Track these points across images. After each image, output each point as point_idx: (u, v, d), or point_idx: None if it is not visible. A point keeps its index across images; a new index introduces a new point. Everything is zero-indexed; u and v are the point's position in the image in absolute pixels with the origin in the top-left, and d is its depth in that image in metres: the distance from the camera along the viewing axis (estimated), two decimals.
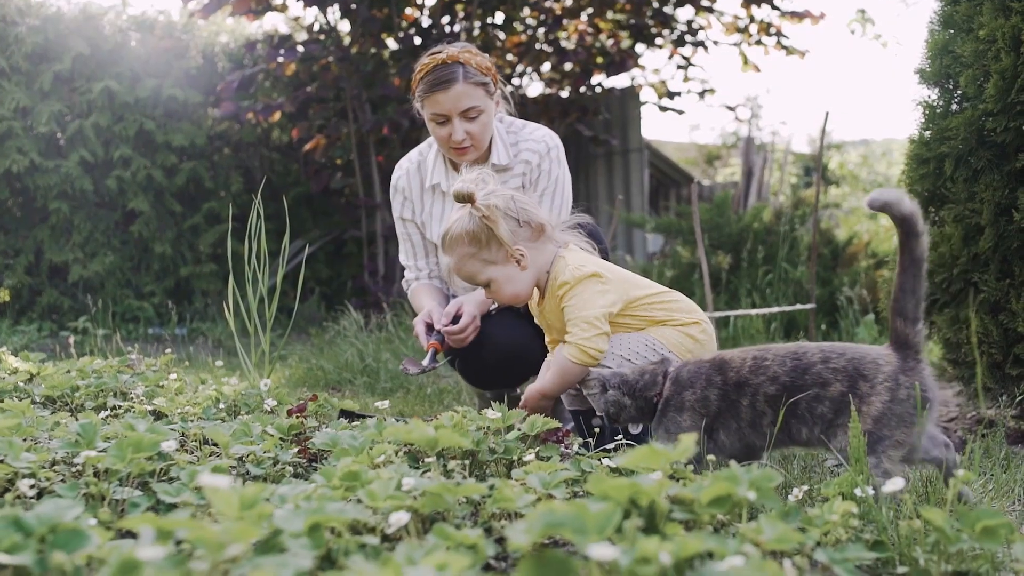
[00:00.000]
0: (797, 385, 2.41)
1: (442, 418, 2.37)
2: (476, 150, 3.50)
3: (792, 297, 6.72)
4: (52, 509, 1.48)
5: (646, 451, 1.48)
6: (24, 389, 3.34)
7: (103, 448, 2.15)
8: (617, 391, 2.62)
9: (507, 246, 2.77)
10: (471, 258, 2.82)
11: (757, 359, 2.50)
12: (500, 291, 2.86)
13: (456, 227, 2.81)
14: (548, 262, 2.87)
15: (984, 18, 3.42)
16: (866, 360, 2.39)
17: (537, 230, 2.85)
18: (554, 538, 1.80)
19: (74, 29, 8.14)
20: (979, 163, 3.45)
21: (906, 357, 2.37)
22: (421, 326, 3.37)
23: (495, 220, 2.75)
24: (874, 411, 2.32)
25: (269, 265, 3.83)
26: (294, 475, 2.38)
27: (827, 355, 2.42)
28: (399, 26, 8.07)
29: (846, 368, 2.38)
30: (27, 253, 8.08)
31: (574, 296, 2.74)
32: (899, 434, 2.31)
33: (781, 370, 2.44)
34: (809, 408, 2.39)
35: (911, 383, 2.33)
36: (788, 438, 2.45)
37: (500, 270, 2.82)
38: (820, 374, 2.40)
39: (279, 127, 9.38)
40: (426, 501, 1.67)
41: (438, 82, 3.39)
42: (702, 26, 8.79)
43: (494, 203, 2.77)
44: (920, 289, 2.37)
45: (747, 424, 2.48)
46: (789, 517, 1.59)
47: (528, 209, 2.84)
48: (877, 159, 16.09)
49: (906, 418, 2.31)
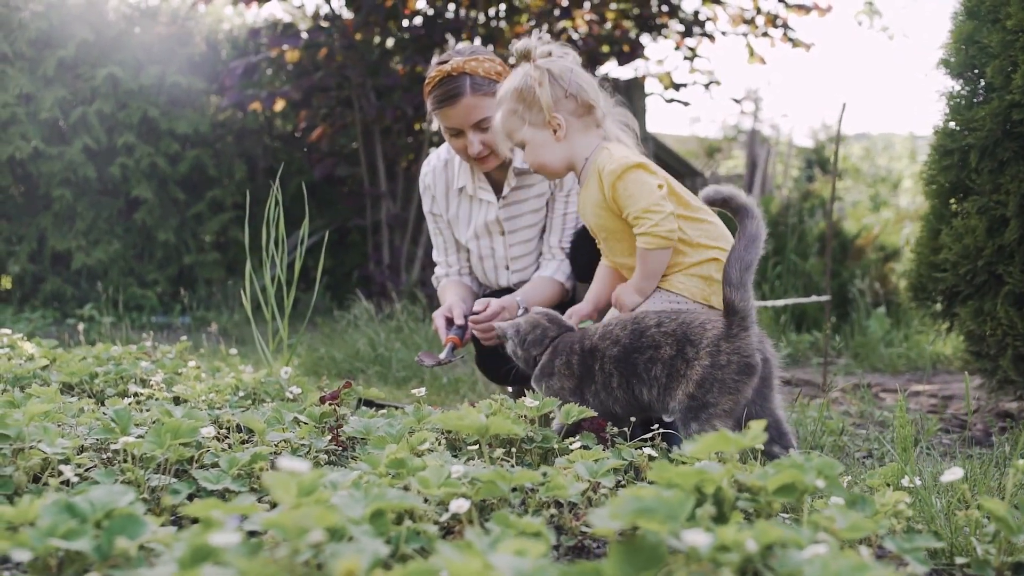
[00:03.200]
0: (635, 347, 2.52)
1: (480, 405, 2.34)
2: (496, 157, 3.44)
3: (802, 289, 6.70)
4: (105, 494, 1.45)
5: (718, 437, 1.45)
6: (42, 376, 3.30)
7: (139, 435, 2.12)
8: (511, 342, 2.82)
9: (546, 111, 2.80)
10: (513, 114, 2.86)
11: (606, 325, 2.63)
12: (531, 154, 2.89)
13: (509, 81, 2.87)
14: (589, 148, 2.88)
15: (1012, 8, 3.39)
16: (694, 325, 2.47)
17: (584, 107, 2.86)
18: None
19: (78, 15, 8.08)
20: (1005, 154, 3.43)
21: (731, 324, 2.42)
22: (441, 320, 3.35)
23: (542, 83, 2.78)
24: (695, 375, 2.40)
25: (278, 252, 3.79)
26: (328, 463, 2.36)
27: (661, 319, 2.52)
28: (404, 14, 8.02)
29: (675, 332, 2.47)
30: (30, 240, 8.03)
31: (627, 187, 2.72)
32: (725, 402, 2.39)
33: (622, 334, 2.55)
34: (646, 369, 2.49)
35: (732, 349, 2.39)
36: (633, 399, 2.55)
37: (535, 133, 2.85)
38: (653, 337, 2.49)
39: (282, 115, 9.33)
40: (481, 489, 1.65)
41: (445, 97, 3.34)
42: (709, 17, 8.75)
43: (548, 67, 2.81)
44: (748, 257, 2.42)
45: (601, 387, 2.59)
46: (857, 506, 1.56)
47: (583, 85, 2.85)
48: (879, 153, 16.08)
49: (730, 384, 2.38)
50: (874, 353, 5.70)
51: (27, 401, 2.47)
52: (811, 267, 6.83)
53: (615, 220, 2.80)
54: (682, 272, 2.78)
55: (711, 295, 2.77)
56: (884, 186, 13.46)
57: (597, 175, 2.78)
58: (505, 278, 3.65)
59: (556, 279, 3.49)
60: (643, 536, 1.13)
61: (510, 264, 3.62)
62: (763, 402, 2.49)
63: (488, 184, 3.60)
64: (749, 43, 8.87)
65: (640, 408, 2.56)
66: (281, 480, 1.35)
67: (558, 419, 2.50)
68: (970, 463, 2.52)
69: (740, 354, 2.38)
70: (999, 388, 3.68)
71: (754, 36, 8.82)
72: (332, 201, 9.14)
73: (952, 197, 3.72)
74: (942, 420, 3.69)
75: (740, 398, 2.38)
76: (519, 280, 3.64)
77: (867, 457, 3.03)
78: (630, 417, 2.58)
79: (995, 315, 3.45)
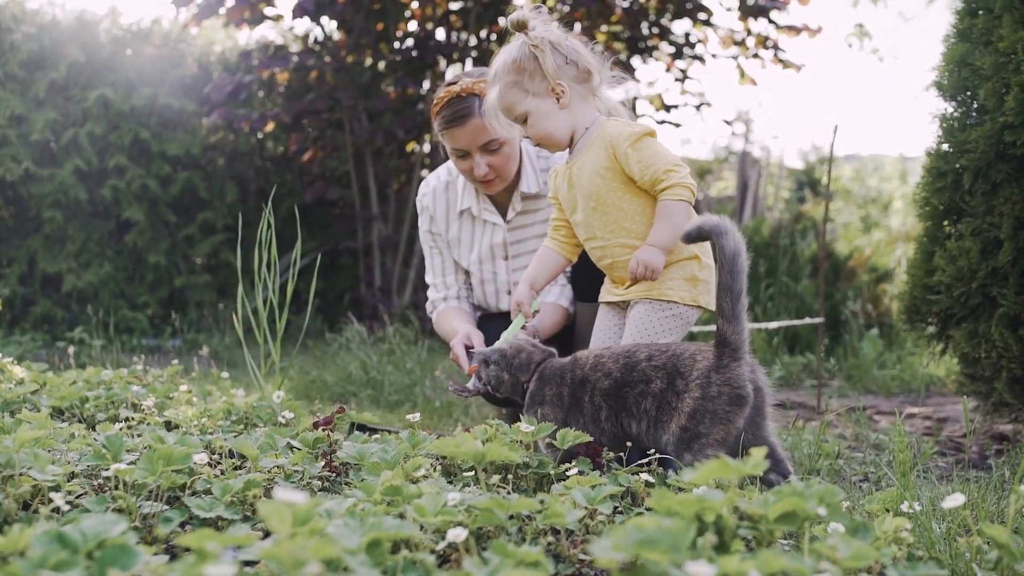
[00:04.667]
0: (626, 381, 2.51)
1: (475, 431, 2.32)
2: (503, 180, 3.44)
3: (795, 311, 6.70)
4: (97, 524, 1.43)
5: (718, 465, 1.43)
6: (32, 400, 3.27)
7: (130, 461, 2.10)
8: (496, 366, 2.81)
9: (550, 78, 2.79)
10: (513, 87, 2.83)
11: (598, 357, 2.62)
12: (535, 126, 2.86)
13: (504, 55, 2.85)
14: (589, 118, 2.88)
15: (1004, 31, 3.40)
16: (684, 357, 2.47)
17: (584, 73, 2.86)
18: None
19: (70, 37, 8.07)
20: (998, 176, 3.43)
21: (722, 355, 2.42)
22: (461, 349, 3.25)
23: (543, 50, 2.77)
24: (686, 407, 2.40)
25: (270, 275, 3.77)
26: (322, 489, 2.33)
27: (652, 353, 2.52)
28: (395, 37, 8.03)
29: (666, 365, 2.47)
30: (20, 262, 7.99)
31: (648, 148, 2.74)
32: (717, 432, 2.40)
33: (614, 367, 2.55)
34: (636, 404, 2.49)
35: (723, 380, 2.39)
36: (622, 433, 2.55)
37: (539, 103, 2.83)
38: (644, 371, 2.49)
39: (273, 138, 9.31)
40: (478, 517, 1.63)
41: (454, 117, 3.32)
42: (700, 39, 8.77)
43: (545, 35, 2.80)
44: (737, 286, 2.41)
45: (590, 419, 2.60)
46: (858, 533, 1.55)
47: (579, 51, 2.85)
48: (869, 174, 16.12)
49: (721, 415, 2.39)
50: (868, 375, 5.70)
51: (17, 427, 2.44)
52: (803, 289, 6.83)
53: (613, 186, 2.78)
54: (667, 271, 2.77)
55: (698, 296, 2.80)
56: (875, 207, 13.49)
57: (603, 142, 2.79)
58: (505, 302, 3.64)
59: (561, 304, 3.49)
60: (645, 566, 1.11)
61: (512, 289, 3.60)
62: (756, 430, 2.48)
63: (493, 206, 3.58)
64: (740, 64, 8.89)
65: (626, 441, 2.55)
66: (276, 510, 1.33)
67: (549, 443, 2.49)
68: (969, 487, 2.51)
69: (731, 385, 2.38)
70: (994, 410, 3.67)
71: (745, 58, 8.84)
72: (323, 223, 9.11)
73: (946, 219, 3.73)
74: (938, 443, 3.68)
75: (732, 428, 2.38)
76: None
77: (863, 481, 3.02)
78: (616, 449, 2.56)
79: (990, 337, 3.44)
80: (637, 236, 2.78)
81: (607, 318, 2.99)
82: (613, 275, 2.92)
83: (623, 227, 2.79)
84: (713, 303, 2.80)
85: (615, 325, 2.96)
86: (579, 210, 2.88)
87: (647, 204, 2.79)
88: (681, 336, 2.82)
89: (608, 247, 2.84)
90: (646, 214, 2.79)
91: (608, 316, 2.99)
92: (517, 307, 2.98)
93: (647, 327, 2.78)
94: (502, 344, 2.86)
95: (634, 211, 2.78)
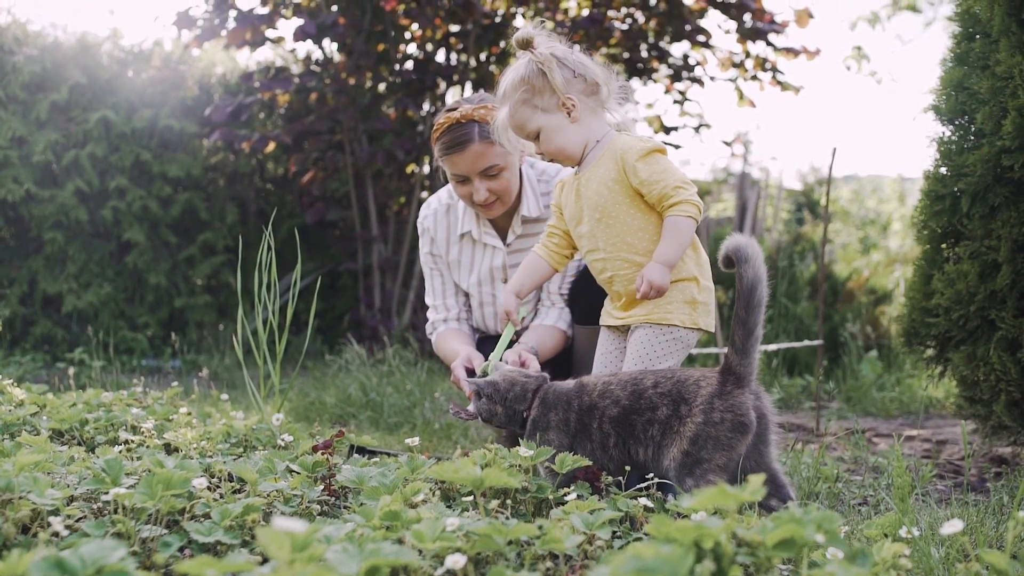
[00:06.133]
0: (634, 409, 2.53)
1: (474, 455, 2.32)
2: (503, 204, 3.45)
3: (794, 333, 6.70)
4: (96, 550, 1.43)
5: (717, 491, 1.44)
6: (31, 422, 3.27)
7: (130, 485, 2.10)
8: (489, 399, 2.80)
9: (560, 93, 2.81)
10: (523, 104, 2.85)
11: (606, 383, 2.63)
12: (549, 141, 2.88)
13: (511, 73, 2.87)
14: (600, 131, 2.91)
15: (1001, 55, 3.42)
16: (688, 383, 2.50)
17: (592, 86, 2.88)
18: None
19: (71, 59, 8.10)
20: (996, 199, 3.45)
21: (726, 381, 2.45)
22: (461, 371, 3.25)
23: (550, 66, 2.80)
24: (689, 432, 2.42)
25: (270, 297, 3.78)
26: (320, 513, 2.33)
27: (658, 380, 2.54)
28: (396, 59, 8.06)
29: (671, 392, 2.50)
30: (21, 283, 7.99)
31: (657, 164, 2.77)
32: (719, 458, 2.41)
33: (623, 394, 2.57)
34: (643, 430, 2.51)
35: (726, 406, 2.41)
36: (628, 459, 2.56)
37: (550, 119, 2.85)
38: (651, 399, 2.51)
39: (273, 159, 9.34)
40: (477, 542, 1.63)
41: (453, 144, 3.34)
42: (698, 61, 8.81)
43: (550, 50, 2.83)
44: (751, 321, 2.44)
45: (598, 446, 2.61)
46: (857, 560, 1.55)
47: (585, 64, 2.88)
48: (868, 195, 16.16)
49: (723, 441, 2.42)
50: (866, 397, 5.69)
51: (17, 450, 2.45)
52: (802, 311, 6.83)
53: (620, 199, 2.81)
54: (666, 293, 2.78)
55: (698, 319, 2.82)
56: (873, 228, 13.52)
57: (614, 155, 2.81)
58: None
59: (559, 327, 3.49)
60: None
61: None
62: (759, 457, 2.49)
63: (493, 229, 3.60)
64: (738, 86, 8.93)
65: (632, 466, 2.56)
66: (275, 536, 1.33)
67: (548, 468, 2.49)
68: (967, 511, 2.51)
69: (734, 412, 2.39)
70: (993, 433, 3.67)
71: (743, 80, 8.88)
72: (323, 245, 9.12)
73: (944, 242, 3.74)
74: (936, 465, 3.68)
75: (734, 454, 2.39)
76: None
77: (862, 504, 3.02)
78: (619, 474, 2.57)
79: (988, 360, 3.45)
80: (639, 252, 2.80)
81: (608, 342, 3.00)
82: (612, 289, 2.93)
83: (626, 241, 2.81)
84: (712, 325, 2.82)
85: (616, 349, 2.97)
86: (584, 221, 2.90)
87: (651, 220, 2.80)
88: (682, 359, 2.83)
89: (610, 260, 2.85)
90: (649, 230, 2.80)
91: (609, 340, 3.00)
92: (505, 316, 3.00)
93: (648, 351, 2.79)
94: (495, 376, 2.86)
95: (638, 226, 2.80)
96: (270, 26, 7.71)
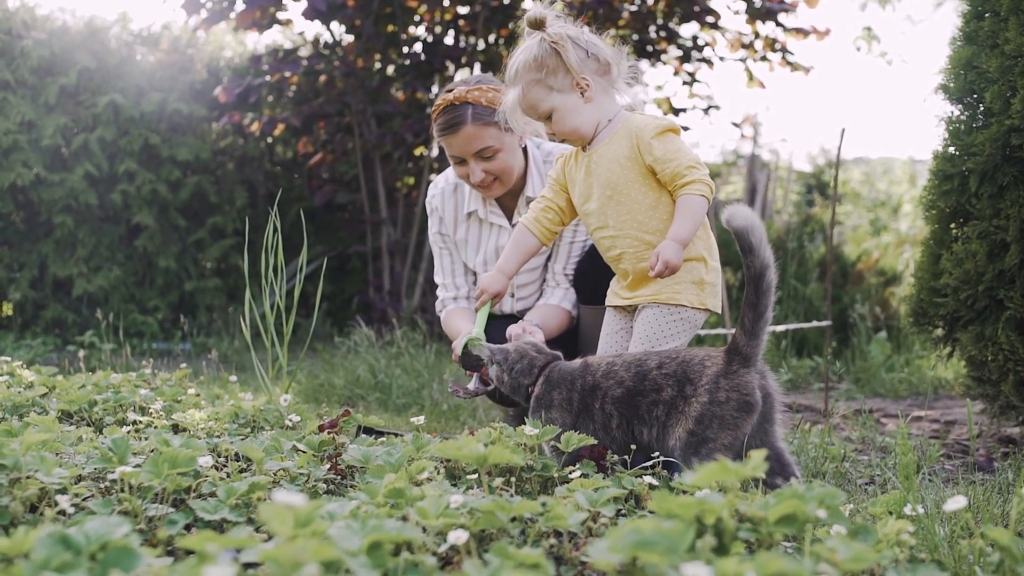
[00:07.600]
0: (638, 389, 2.53)
1: (479, 434, 2.33)
2: (502, 185, 3.46)
3: (803, 314, 6.69)
4: (101, 526, 1.44)
5: (718, 467, 1.44)
6: (40, 404, 3.29)
7: (136, 464, 2.11)
8: (498, 367, 2.84)
9: (574, 72, 2.80)
10: (536, 84, 2.84)
11: (610, 364, 2.64)
12: (562, 121, 2.87)
13: (523, 54, 2.85)
14: (612, 111, 2.90)
15: (1010, 33, 3.40)
16: (693, 363, 2.49)
17: (604, 66, 2.87)
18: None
19: (80, 43, 8.10)
20: (1005, 179, 3.43)
21: (731, 361, 2.44)
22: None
23: (564, 46, 2.78)
24: (694, 412, 2.42)
25: (277, 279, 3.79)
26: (326, 492, 2.34)
27: (662, 361, 2.54)
28: (404, 41, 8.05)
29: (675, 373, 2.49)
30: (31, 267, 8.02)
31: (671, 143, 2.77)
32: (724, 437, 2.41)
33: (627, 375, 2.57)
34: (648, 411, 2.50)
35: (731, 386, 2.41)
36: (632, 439, 2.57)
37: (564, 99, 2.84)
38: (655, 380, 2.51)
39: (282, 142, 9.34)
40: (480, 519, 1.63)
41: (447, 126, 3.37)
42: (707, 42, 8.77)
43: (563, 30, 2.81)
44: (761, 304, 2.43)
45: (600, 426, 2.61)
46: (859, 536, 1.55)
47: (597, 44, 2.87)
48: (878, 177, 16.10)
49: (728, 420, 2.41)
50: (875, 378, 5.69)
51: (25, 430, 2.46)
52: (812, 292, 6.82)
53: (631, 176, 2.81)
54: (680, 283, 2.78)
55: (706, 299, 2.82)
56: (884, 210, 13.47)
57: (628, 132, 2.81)
58: (509, 305, 3.66)
59: (563, 307, 3.50)
60: (643, 568, 1.11)
61: (515, 291, 3.63)
62: (764, 436, 2.49)
63: (499, 209, 3.60)
64: (748, 67, 8.89)
65: (636, 447, 2.56)
66: (277, 512, 1.34)
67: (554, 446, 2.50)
68: (973, 490, 2.51)
69: (739, 391, 2.39)
70: (1001, 413, 3.66)
71: (753, 60, 8.84)
72: (332, 227, 9.13)
73: (952, 222, 3.72)
74: (944, 445, 3.68)
75: (739, 433, 2.39)
76: (523, 307, 3.64)
77: (869, 484, 3.02)
78: (623, 454, 2.57)
79: (996, 340, 3.44)
80: (648, 230, 2.79)
81: (614, 322, 3.00)
82: (619, 267, 2.92)
83: (636, 219, 2.80)
84: (719, 306, 2.82)
85: (623, 329, 2.97)
86: (594, 198, 2.89)
87: (661, 199, 2.80)
88: (688, 339, 2.83)
89: (619, 238, 2.85)
90: (659, 209, 2.80)
91: (615, 320, 3.00)
92: (481, 291, 3.00)
93: (656, 331, 2.79)
94: (508, 345, 2.88)
95: (648, 204, 2.80)
96: (279, 8, 7.69)
